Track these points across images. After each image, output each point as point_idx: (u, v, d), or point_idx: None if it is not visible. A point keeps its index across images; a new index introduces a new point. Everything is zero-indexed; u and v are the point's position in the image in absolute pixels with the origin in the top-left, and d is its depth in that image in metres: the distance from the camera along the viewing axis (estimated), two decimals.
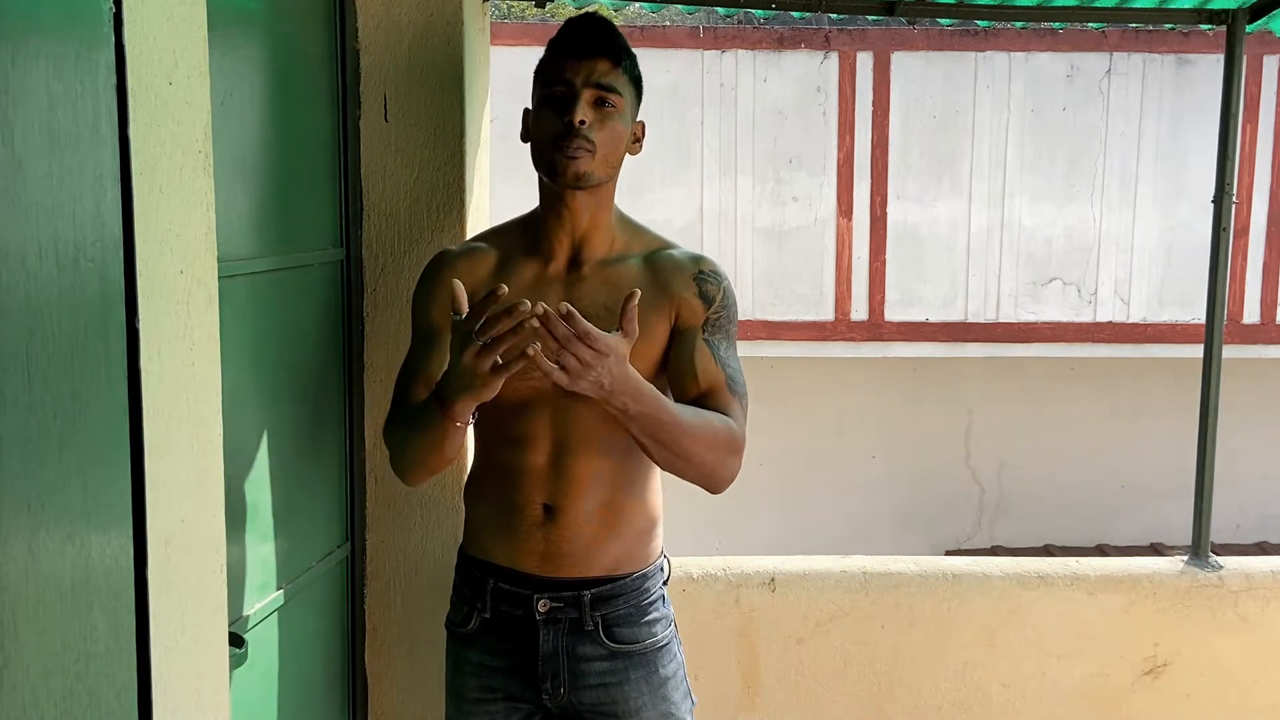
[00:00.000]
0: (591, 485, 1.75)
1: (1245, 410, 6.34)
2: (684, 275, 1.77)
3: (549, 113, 1.70)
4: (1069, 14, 2.89)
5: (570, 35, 1.72)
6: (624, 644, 1.80)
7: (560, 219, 1.76)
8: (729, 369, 1.76)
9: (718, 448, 1.68)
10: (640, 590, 1.82)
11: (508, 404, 1.76)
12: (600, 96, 1.68)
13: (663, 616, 1.85)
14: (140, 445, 1.09)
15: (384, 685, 2.31)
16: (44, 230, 0.93)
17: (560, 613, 1.78)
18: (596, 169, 1.70)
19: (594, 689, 1.79)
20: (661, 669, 1.82)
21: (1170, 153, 6.71)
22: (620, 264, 1.77)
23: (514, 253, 1.81)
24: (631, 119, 1.75)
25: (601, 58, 1.69)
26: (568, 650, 1.78)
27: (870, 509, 7.32)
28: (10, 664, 0.88)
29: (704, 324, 1.75)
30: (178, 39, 1.17)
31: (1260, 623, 2.64)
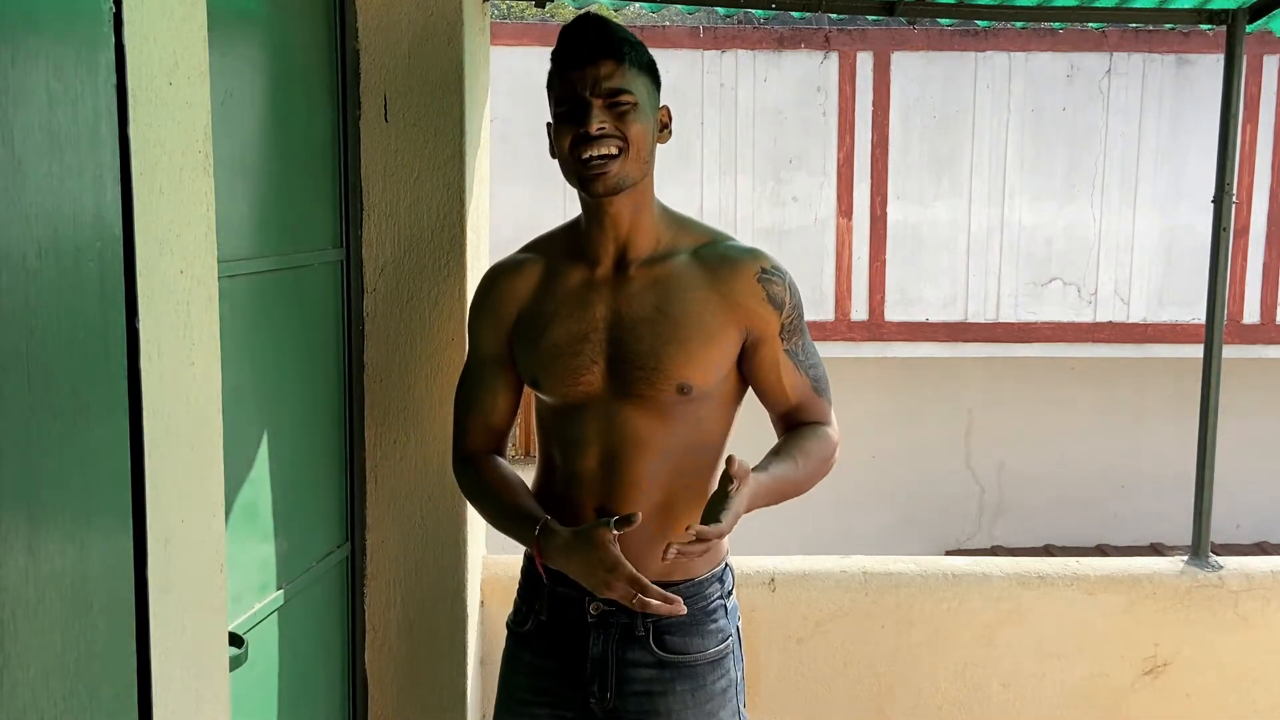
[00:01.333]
0: (645, 488, 1.72)
1: (1245, 410, 6.34)
2: (745, 279, 1.72)
3: (565, 128, 1.67)
4: (1069, 14, 2.89)
5: (569, 44, 1.69)
6: (673, 653, 1.75)
7: (602, 225, 1.73)
8: (811, 371, 1.80)
9: (826, 465, 1.79)
10: (697, 598, 1.76)
11: (561, 408, 1.76)
12: (611, 101, 1.65)
13: (720, 629, 1.79)
14: (140, 445, 1.09)
15: (384, 685, 2.31)
16: (44, 230, 0.93)
17: (612, 617, 1.74)
18: (628, 171, 1.67)
19: (639, 696, 1.75)
20: (711, 684, 1.76)
21: (1170, 153, 6.71)
22: (668, 261, 1.74)
23: (560, 260, 1.79)
24: (653, 108, 1.72)
25: (604, 60, 1.65)
26: (616, 655, 1.75)
27: (870, 509, 7.32)
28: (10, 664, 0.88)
29: (781, 332, 1.75)
30: (178, 39, 1.17)
31: (1260, 623, 2.64)
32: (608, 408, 1.72)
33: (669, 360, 1.68)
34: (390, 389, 2.23)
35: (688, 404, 1.71)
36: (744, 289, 1.72)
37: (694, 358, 1.69)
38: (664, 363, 1.68)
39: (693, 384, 1.69)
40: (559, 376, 1.73)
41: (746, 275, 1.73)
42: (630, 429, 1.71)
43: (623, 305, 1.72)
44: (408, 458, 2.24)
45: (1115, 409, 7.39)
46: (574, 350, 1.72)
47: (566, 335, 1.73)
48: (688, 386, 1.69)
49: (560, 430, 1.77)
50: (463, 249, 2.22)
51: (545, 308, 1.77)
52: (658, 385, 1.69)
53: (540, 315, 1.77)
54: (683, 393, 1.69)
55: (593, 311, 1.73)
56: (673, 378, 1.69)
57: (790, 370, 1.76)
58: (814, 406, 1.80)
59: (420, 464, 2.25)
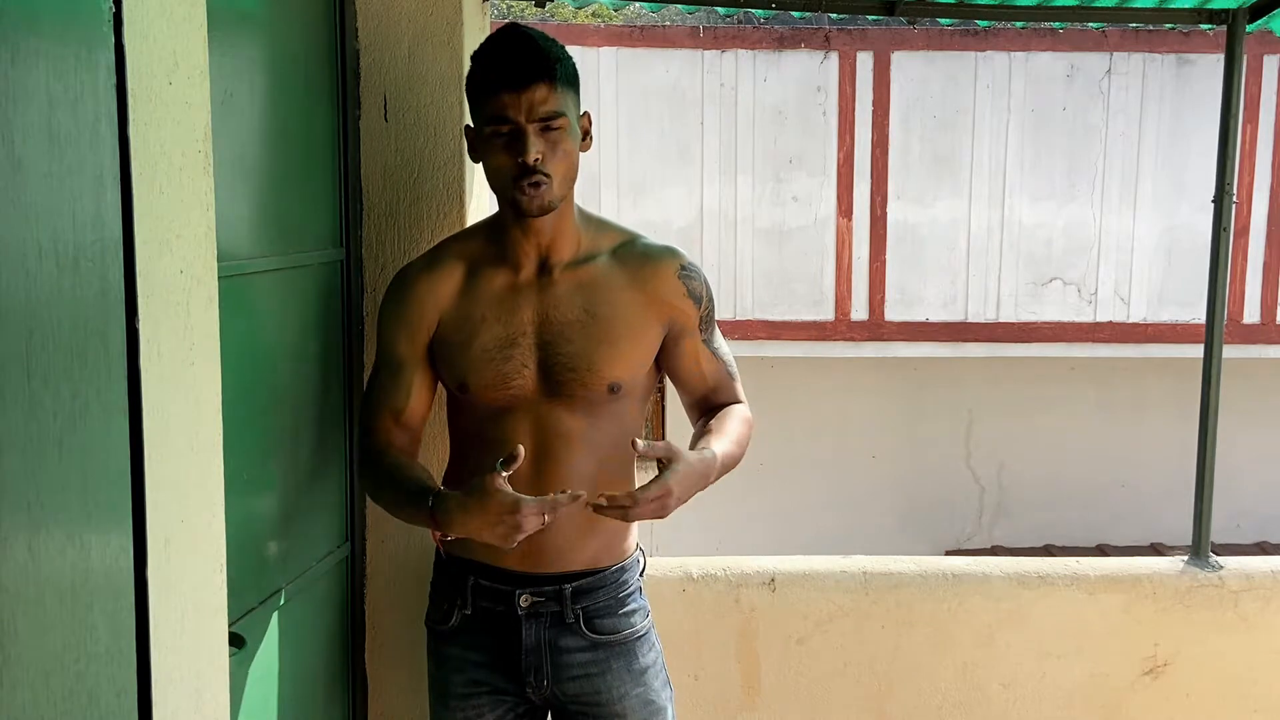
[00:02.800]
0: (574, 485, 1.75)
1: (1245, 410, 6.34)
2: (665, 277, 1.80)
3: (500, 152, 1.69)
4: (1069, 14, 2.89)
5: (499, 63, 1.69)
6: (605, 634, 1.84)
7: (526, 233, 1.78)
8: (722, 355, 1.90)
9: (746, 444, 1.87)
10: (619, 583, 1.86)
11: (489, 409, 1.79)
12: (546, 125, 1.68)
13: (640, 607, 1.89)
14: (140, 445, 1.09)
15: (384, 685, 2.31)
16: (44, 230, 0.93)
17: (542, 607, 1.81)
18: (557, 192, 1.71)
19: (576, 680, 1.82)
20: (641, 658, 1.87)
21: (1170, 153, 6.71)
22: (590, 263, 1.79)
23: (481, 263, 1.82)
24: (577, 120, 1.75)
25: (538, 83, 1.67)
26: (550, 643, 1.82)
27: (870, 509, 7.32)
28: (10, 664, 0.88)
29: (700, 325, 1.85)
30: (178, 39, 1.17)
31: (1260, 623, 2.64)
32: (538, 409, 1.77)
33: (600, 361, 1.75)
34: None
35: (615, 401, 1.78)
36: (666, 286, 1.80)
37: (623, 356, 1.76)
38: (596, 363, 1.75)
39: (622, 382, 1.77)
40: (489, 380, 1.76)
41: (668, 273, 1.81)
42: (561, 428, 1.77)
43: (550, 308, 1.77)
44: None
45: (1115, 409, 7.39)
46: (504, 355, 1.76)
47: (495, 340, 1.77)
48: (618, 385, 1.77)
49: (486, 431, 1.80)
50: None
51: (470, 312, 1.79)
52: (590, 385, 1.75)
53: (466, 320, 1.79)
54: (613, 391, 1.77)
55: (520, 315, 1.77)
56: (605, 378, 1.75)
57: (708, 358, 1.87)
58: (728, 389, 1.91)
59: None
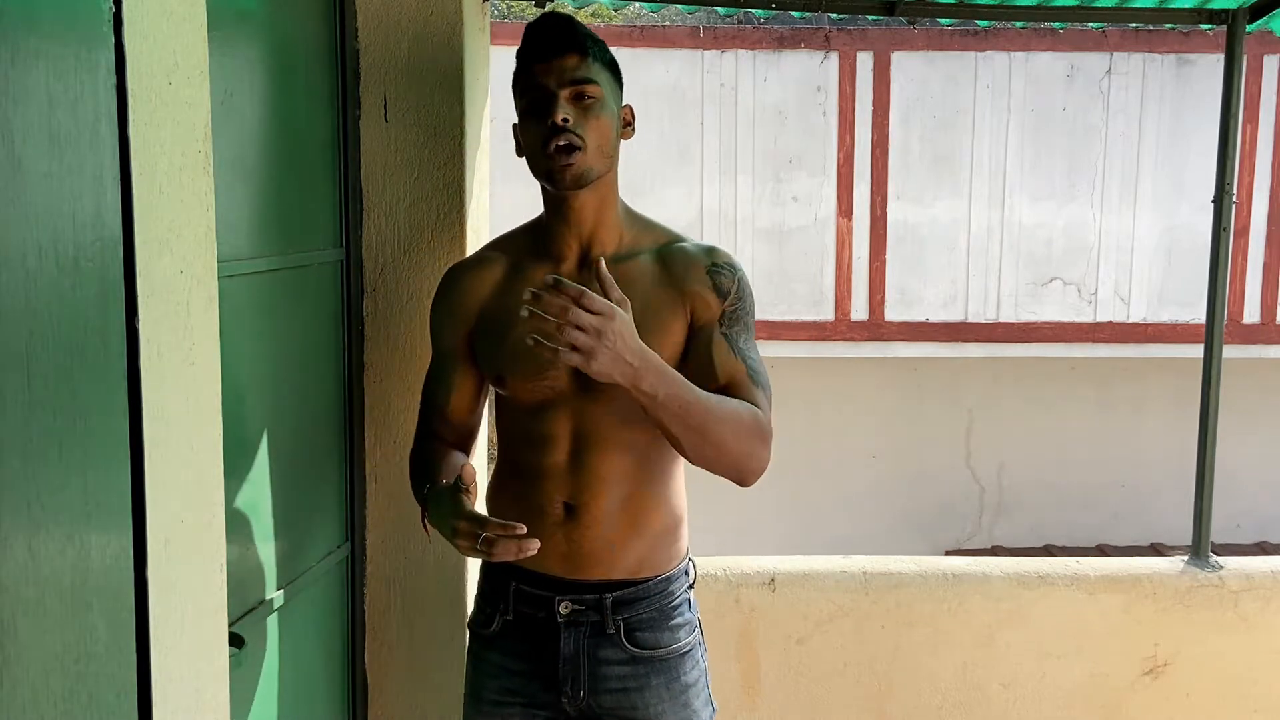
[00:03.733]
0: (612, 483, 1.74)
1: (1245, 410, 6.34)
2: (697, 269, 1.74)
3: (532, 121, 1.69)
4: (1069, 14, 2.89)
5: (535, 40, 1.71)
6: (646, 649, 1.78)
7: (566, 221, 1.75)
8: (748, 360, 1.73)
9: (747, 435, 1.65)
10: (664, 594, 1.80)
11: (528, 405, 1.77)
12: (577, 92, 1.67)
13: (687, 622, 1.82)
14: (140, 445, 1.09)
15: (384, 685, 2.31)
16: (44, 230, 0.93)
17: (582, 615, 1.76)
18: (592, 163, 1.69)
19: (614, 693, 1.77)
20: (683, 675, 1.80)
21: (1170, 153, 6.71)
22: (631, 260, 1.76)
23: (524, 258, 1.80)
24: (616, 104, 1.74)
25: (569, 54, 1.67)
26: (588, 653, 1.77)
27: (870, 509, 7.32)
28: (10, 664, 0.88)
29: (720, 317, 1.73)
30: (178, 39, 1.17)
31: (1260, 623, 2.64)
32: (573, 404, 1.74)
33: None
34: (390, 389, 2.23)
35: None
36: (693, 277, 1.74)
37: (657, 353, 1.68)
38: None
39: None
40: (524, 374, 1.74)
41: (698, 267, 1.75)
42: (596, 425, 1.73)
43: None
44: (408, 458, 2.24)
45: (1115, 409, 7.39)
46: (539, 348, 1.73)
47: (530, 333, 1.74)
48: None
49: (526, 427, 1.78)
50: (463, 249, 2.22)
51: (510, 305, 1.76)
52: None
53: (505, 313, 1.77)
54: None
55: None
56: None
57: (723, 350, 1.71)
58: (748, 391, 1.69)
59: None
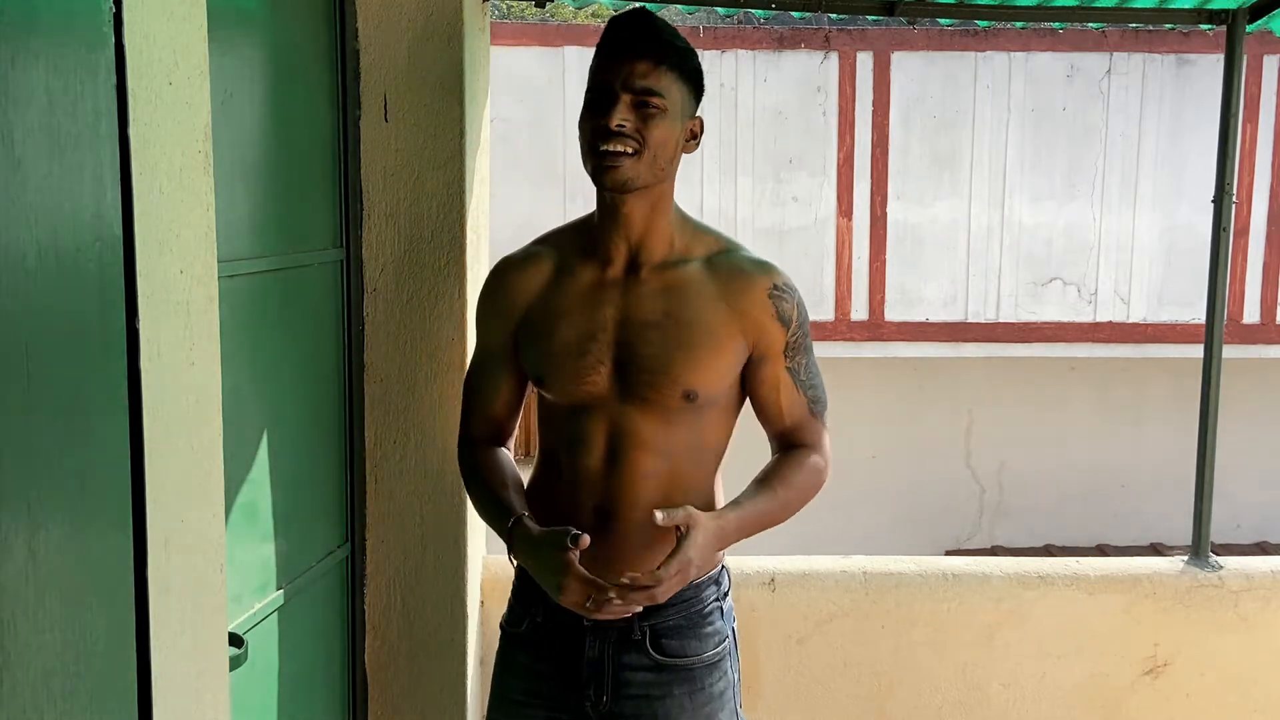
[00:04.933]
0: (645, 488, 1.71)
1: (1245, 410, 6.34)
2: (756, 292, 1.71)
3: (588, 117, 1.65)
4: (1069, 14, 2.89)
5: (609, 35, 1.66)
6: (671, 657, 1.74)
7: (615, 223, 1.71)
8: (810, 390, 1.78)
9: (808, 495, 1.78)
10: (694, 601, 1.75)
11: (565, 407, 1.75)
12: (641, 99, 1.62)
13: (717, 631, 1.78)
14: (140, 445, 1.09)
15: (384, 685, 2.31)
16: (44, 230, 0.93)
17: (608, 621, 1.71)
18: (641, 173, 1.64)
19: (635, 700, 1.74)
20: (709, 687, 1.76)
21: (1170, 153, 6.71)
22: (680, 268, 1.72)
23: (572, 257, 1.77)
24: (684, 117, 1.68)
25: (642, 59, 1.62)
26: (613, 659, 1.74)
27: (870, 509, 7.31)
28: (10, 664, 0.88)
29: (785, 350, 1.73)
30: (178, 39, 1.17)
31: (1260, 623, 2.64)
32: (612, 409, 1.71)
33: (677, 366, 1.68)
34: (390, 389, 2.23)
35: (692, 409, 1.71)
36: (754, 302, 1.71)
37: (701, 365, 1.69)
38: (672, 368, 1.68)
39: (699, 391, 1.69)
40: (565, 375, 1.72)
41: (758, 289, 1.72)
42: (634, 431, 1.71)
43: (632, 308, 1.71)
44: (408, 458, 2.24)
45: (1115, 409, 7.39)
46: (581, 350, 1.71)
47: (574, 335, 1.72)
48: (694, 393, 1.69)
49: (564, 429, 1.76)
50: (463, 249, 2.22)
51: (554, 305, 1.75)
52: (664, 390, 1.68)
53: (549, 313, 1.75)
54: (689, 399, 1.69)
55: (602, 312, 1.72)
56: (680, 384, 1.68)
57: (790, 390, 1.75)
58: (808, 428, 1.78)
59: (420, 464, 2.25)
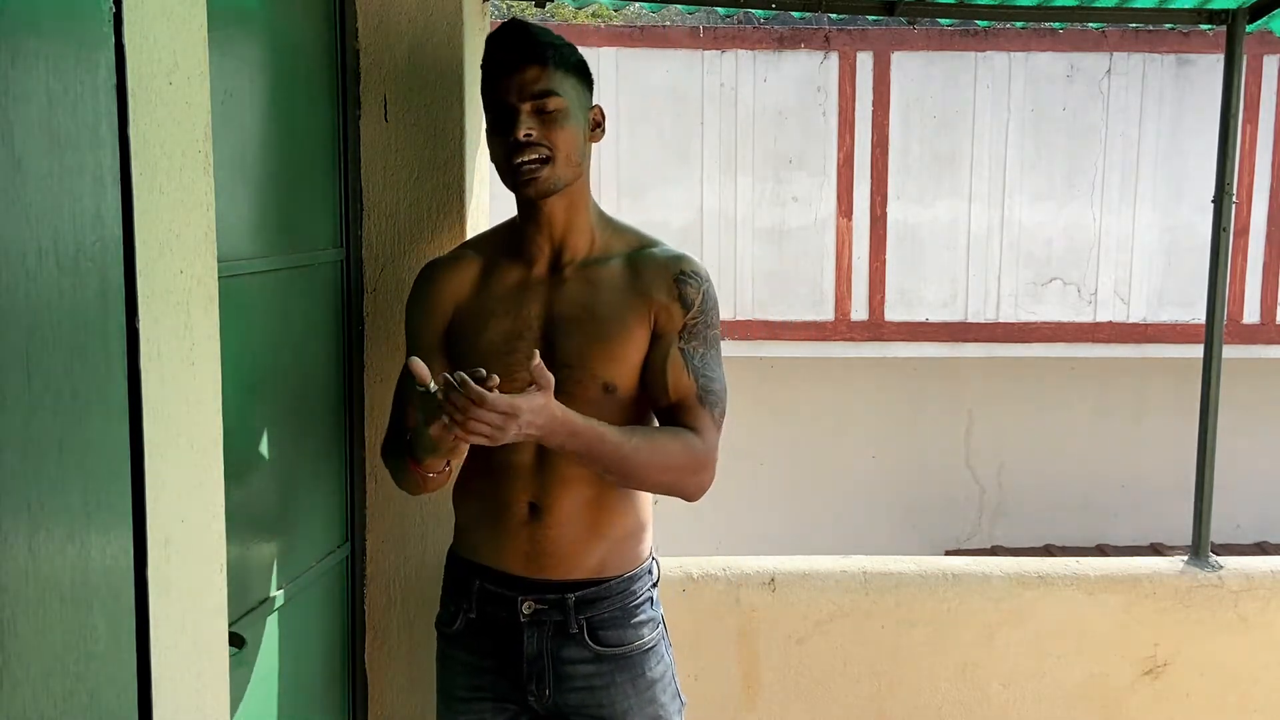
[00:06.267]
0: (577, 482, 1.76)
1: (1245, 410, 6.33)
2: (663, 277, 1.76)
3: (497, 136, 1.72)
4: (1069, 14, 2.89)
5: (494, 53, 1.73)
6: (609, 646, 1.80)
7: (537, 225, 1.78)
8: (702, 378, 1.76)
9: (673, 469, 1.71)
10: (626, 593, 1.82)
11: None
12: (539, 105, 1.69)
13: (650, 619, 1.85)
14: (140, 445, 1.09)
15: (384, 685, 2.31)
16: (44, 230, 0.93)
17: (544, 615, 1.79)
18: (559, 173, 1.71)
19: (580, 691, 1.79)
20: (649, 671, 1.82)
21: (1170, 153, 6.71)
22: (602, 264, 1.78)
23: (498, 258, 1.83)
24: (583, 109, 1.75)
25: (528, 66, 1.69)
26: (552, 653, 1.79)
27: (870, 509, 7.31)
28: (10, 664, 0.88)
29: (681, 330, 1.75)
30: (178, 39, 1.17)
31: (1260, 623, 2.64)
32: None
33: (593, 359, 1.73)
34: (390, 389, 2.22)
35: (615, 401, 1.74)
36: (658, 284, 1.75)
37: (616, 357, 1.73)
38: (589, 362, 1.72)
39: (615, 383, 1.74)
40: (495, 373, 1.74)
41: (665, 274, 1.76)
42: None
43: (556, 305, 1.76)
44: None
45: (1115, 409, 7.38)
46: (509, 348, 1.75)
47: (502, 333, 1.76)
48: (611, 385, 1.73)
49: None
50: None
51: (482, 305, 1.80)
52: (584, 384, 1.72)
53: (477, 312, 1.80)
54: (608, 390, 1.73)
55: (528, 310, 1.77)
56: (598, 377, 1.73)
57: (678, 368, 1.74)
58: (694, 414, 1.75)
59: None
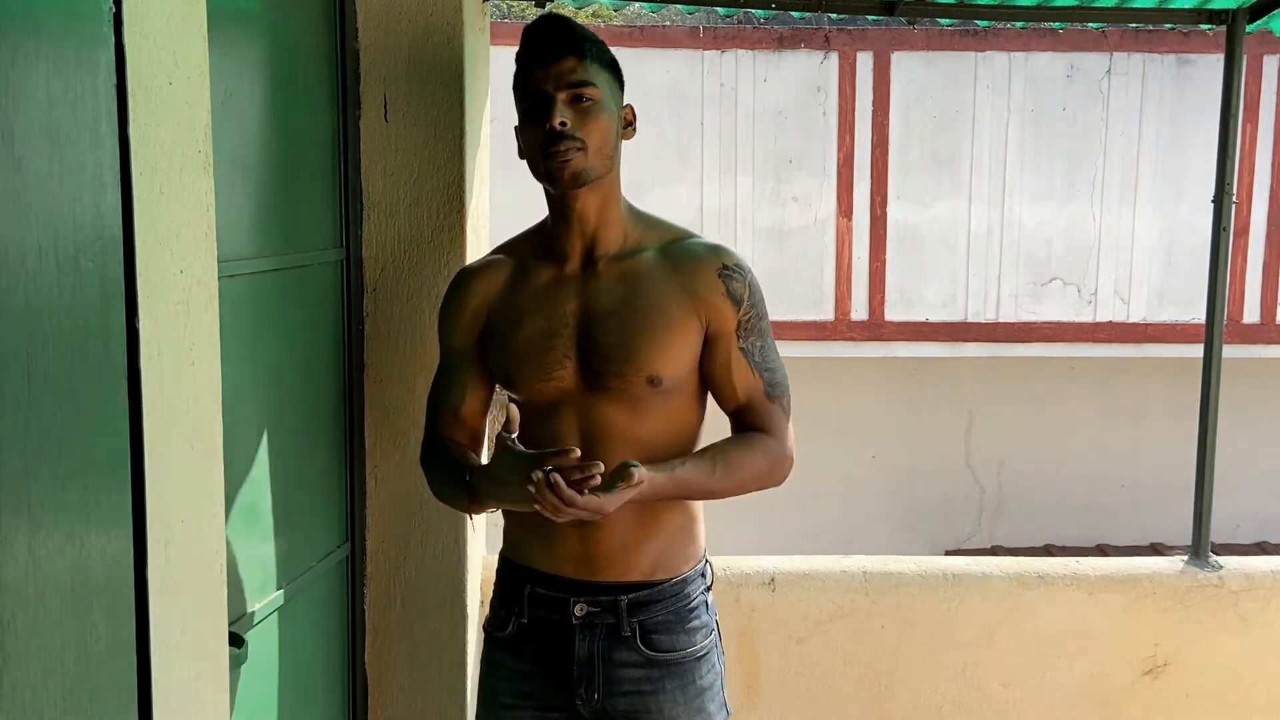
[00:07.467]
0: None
1: (1245, 410, 6.33)
2: (707, 273, 1.74)
3: (531, 125, 1.71)
4: (1069, 14, 2.89)
5: (531, 43, 1.72)
6: (661, 652, 1.77)
7: (568, 221, 1.76)
8: (765, 372, 1.78)
9: (757, 478, 1.77)
10: (680, 595, 1.79)
11: (535, 406, 1.77)
12: (575, 95, 1.68)
13: (704, 625, 1.82)
14: (140, 445, 1.09)
15: (384, 685, 2.31)
16: (44, 230, 0.93)
17: (597, 618, 1.76)
18: (592, 163, 1.70)
19: (628, 696, 1.76)
20: (699, 679, 1.79)
21: (1170, 153, 6.71)
22: (635, 257, 1.76)
23: (530, 259, 1.81)
24: (616, 105, 1.75)
25: (565, 56, 1.68)
26: (603, 656, 1.76)
27: (870, 509, 7.31)
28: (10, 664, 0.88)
29: (736, 329, 1.75)
30: (178, 39, 1.17)
31: (1260, 623, 2.64)
32: (581, 403, 1.74)
33: (638, 351, 1.71)
34: (390, 389, 2.23)
35: (659, 396, 1.73)
36: (704, 282, 1.74)
37: (661, 348, 1.71)
38: (633, 354, 1.71)
39: (661, 375, 1.72)
40: (531, 372, 1.74)
41: (708, 269, 1.75)
42: (605, 423, 1.73)
43: (591, 300, 1.74)
44: (408, 458, 2.24)
45: (1115, 409, 7.38)
46: (545, 346, 1.74)
47: (536, 332, 1.75)
48: (657, 378, 1.71)
49: (536, 429, 1.78)
50: (463, 249, 2.22)
51: (516, 305, 1.79)
52: (628, 377, 1.71)
53: (511, 313, 1.79)
54: (653, 384, 1.72)
55: (562, 307, 1.75)
56: (642, 369, 1.71)
57: (743, 369, 1.77)
58: (764, 411, 1.79)
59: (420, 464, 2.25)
